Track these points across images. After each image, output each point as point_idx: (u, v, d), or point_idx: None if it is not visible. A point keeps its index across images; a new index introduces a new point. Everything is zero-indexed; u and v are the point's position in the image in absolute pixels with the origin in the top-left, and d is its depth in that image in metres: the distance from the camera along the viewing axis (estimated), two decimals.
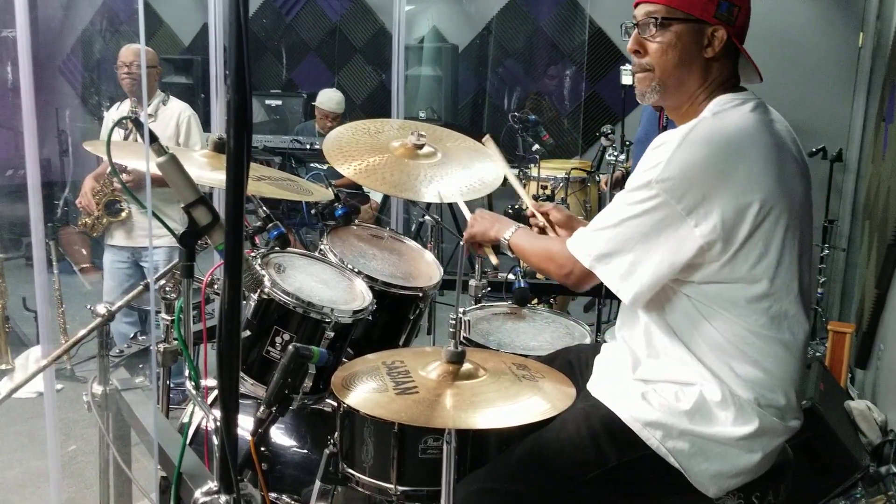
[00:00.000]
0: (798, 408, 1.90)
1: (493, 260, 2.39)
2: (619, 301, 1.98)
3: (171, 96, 4.68)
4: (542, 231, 2.50)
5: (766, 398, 1.82)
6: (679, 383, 1.85)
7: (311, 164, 6.30)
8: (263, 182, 2.43)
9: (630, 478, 1.88)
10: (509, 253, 2.23)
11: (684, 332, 1.84)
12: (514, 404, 1.63)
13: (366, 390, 1.69)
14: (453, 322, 1.76)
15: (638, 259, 1.80)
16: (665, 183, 1.73)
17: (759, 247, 1.77)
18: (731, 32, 1.85)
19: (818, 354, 4.64)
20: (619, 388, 1.92)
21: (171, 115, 4.56)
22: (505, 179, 2.71)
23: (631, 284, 1.82)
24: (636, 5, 1.94)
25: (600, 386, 1.99)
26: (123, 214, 4.55)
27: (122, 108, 4.64)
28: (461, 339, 1.97)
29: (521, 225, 2.24)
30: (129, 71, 4.51)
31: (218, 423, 1.48)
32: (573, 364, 2.21)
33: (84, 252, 6.59)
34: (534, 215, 2.49)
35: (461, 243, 2.40)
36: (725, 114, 1.83)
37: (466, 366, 1.72)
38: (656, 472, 1.84)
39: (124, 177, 4.08)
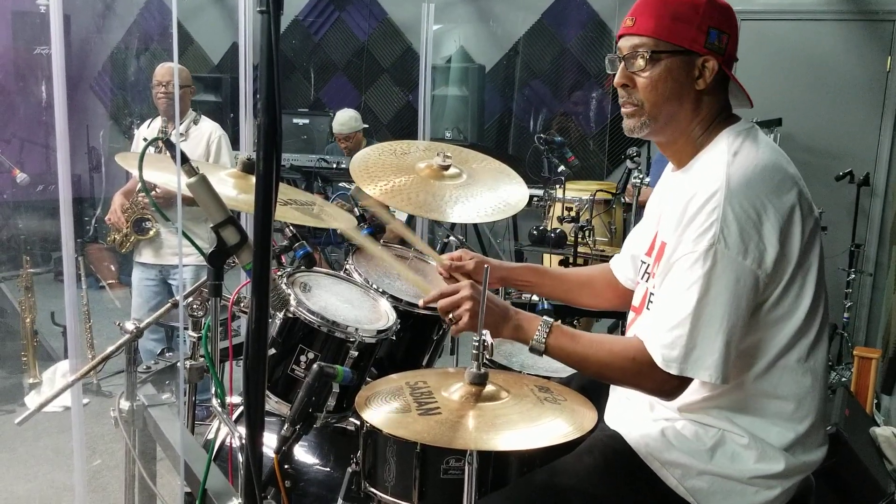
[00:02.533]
0: (824, 436, 1.88)
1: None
2: None
3: (202, 116, 4.73)
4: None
5: (795, 432, 1.79)
6: (700, 423, 1.83)
7: (339, 184, 6.34)
8: (289, 207, 2.44)
9: None
10: (540, 355, 1.88)
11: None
12: (536, 426, 1.63)
13: (389, 410, 1.70)
14: (476, 344, 1.76)
15: (728, 337, 1.68)
16: (727, 241, 1.66)
17: (799, 277, 1.74)
18: (721, 61, 1.80)
19: (843, 380, 4.60)
20: (638, 424, 1.91)
21: (202, 135, 4.61)
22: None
23: (728, 367, 1.70)
24: (620, 37, 1.87)
25: (619, 418, 1.98)
26: (151, 232, 4.60)
27: (154, 126, 4.69)
28: (484, 360, 1.96)
29: (553, 321, 1.88)
30: (165, 91, 4.55)
31: (244, 441, 1.49)
32: (587, 388, 2.18)
33: (112, 268, 6.67)
34: (450, 276, 2.27)
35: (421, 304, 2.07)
36: (745, 151, 1.78)
37: (489, 387, 1.73)
38: None
39: (153, 194, 4.14)
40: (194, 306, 2.25)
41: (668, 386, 1.73)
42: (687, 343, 1.68)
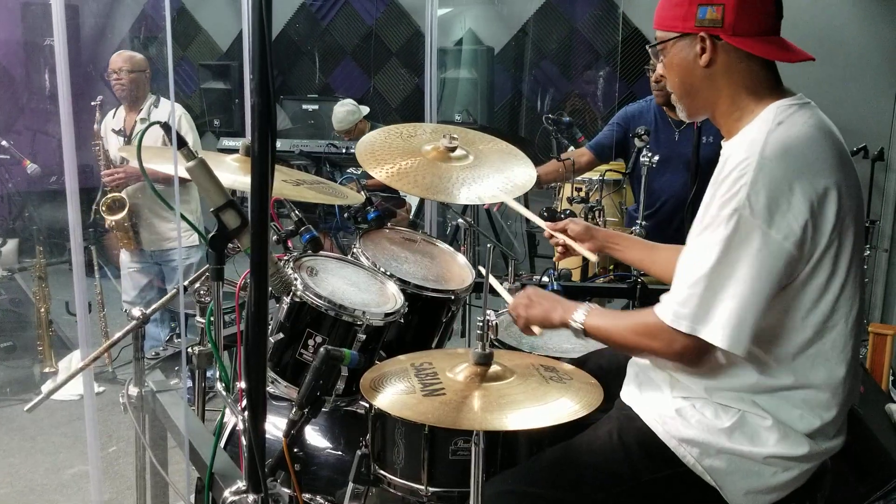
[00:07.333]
0: (845, 421, 1.85)
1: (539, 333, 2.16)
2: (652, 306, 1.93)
3: (161, 97, 4.82)
4: (566, 251, 2.45)
5: (822, 419, 1.77)
6: (720, 404, 1.81)
7: (348, 170, 6.33)
8: (303, 186, 2.44)
9: (661, 494, 1.86)
10: (583, 338, 1.95)
11: (737, 363, 1.77)
12: (542, 405, 1.62)
13: (393, 392, 1.69)
14: (482, 323, 1.76)
15: (743, 303, 1.64)
16: (753, 208, 1.62)
17: (828, 261, 1.69)
18: (722, 33, 1.76)
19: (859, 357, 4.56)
20: (655, 402, 1.89)
21: (163, 117, 4.68)
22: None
23: (741, 336, 1.65)
24: None
25: (634, 396, 1.96)
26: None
27: (119, 116, 4.82)
28: (493, 341, 1.95)
29: (593, 304, 1.96)
30: (118, 77, 4.67)
31: (246, 424, 1.50)
32: (604, 367, 2.18)
33: None
34: (552, 236, 2.47)
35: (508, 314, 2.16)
36: (791, 122, 1.73)
37: (494, 367, 1.72)
38: (689, 489, 1.82)
39: (122, 175, 4.50)
40: (202, 292, 2.25)
41: (679, 346, 1.70)
42: (699, 302, 1.65)
